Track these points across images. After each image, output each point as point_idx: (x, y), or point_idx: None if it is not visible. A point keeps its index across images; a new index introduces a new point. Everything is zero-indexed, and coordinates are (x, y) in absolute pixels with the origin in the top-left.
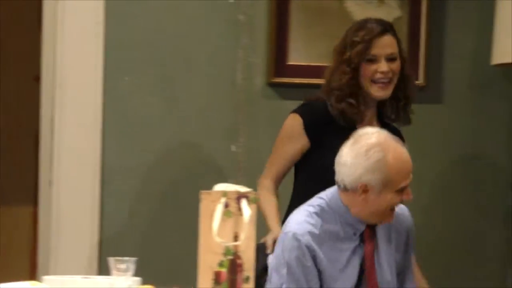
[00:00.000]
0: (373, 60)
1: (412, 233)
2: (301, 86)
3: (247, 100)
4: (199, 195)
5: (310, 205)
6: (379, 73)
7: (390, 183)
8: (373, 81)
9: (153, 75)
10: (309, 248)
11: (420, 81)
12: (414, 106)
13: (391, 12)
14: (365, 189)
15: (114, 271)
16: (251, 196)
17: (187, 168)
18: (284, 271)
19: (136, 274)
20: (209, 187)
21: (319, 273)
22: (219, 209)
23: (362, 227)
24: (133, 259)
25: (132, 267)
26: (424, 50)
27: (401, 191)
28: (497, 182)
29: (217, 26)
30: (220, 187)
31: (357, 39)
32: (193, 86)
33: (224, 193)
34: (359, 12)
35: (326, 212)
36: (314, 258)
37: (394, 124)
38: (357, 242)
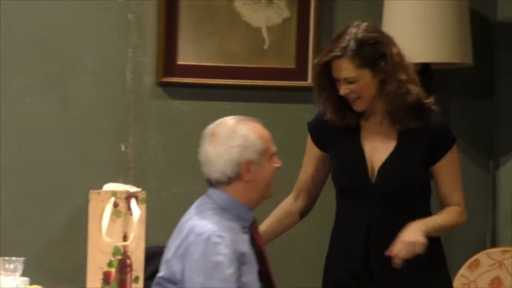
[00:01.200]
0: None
1: None
2: (190, 86)
3: (137, 100)
4: (88, 195)
5: (202, 212)
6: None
7: (264, 151)
8: None
9: (44, 74)
10: (229, 241)
11: (309, 82)
12: (303, 107)
13: (279, 13)
14: (248, 167)
15: (1, 271)
16: (141, 196)
17: (77, 167)
18: (223, 269)
19: (24, 274)
20: (99, 186)
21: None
22: (108, 209)
23: (250, 217)
24: (21, 259)
25: (20, 267)
26: (313, 50)
27: (272, 158)
28: None
29: (106, 25)
30: (109, 186)
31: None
32: (83, 85)
33: (114, 193)
34: (247, 12)
35: (219, 213)
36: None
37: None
38: (249, 235)
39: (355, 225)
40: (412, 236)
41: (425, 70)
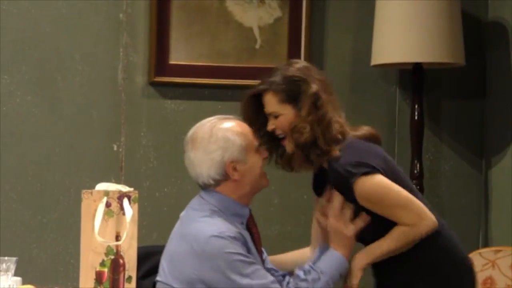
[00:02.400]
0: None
1: None
2: (182, 86)
3: (128, 99)
4: (80, 195)
5: (198, 210)
6: None
7: (248, 146)
8: None
9: (33, 74)
10: (236, 238)
11: None
12: None
13: (271, 13)
14: (233, 166)
15: None
16: (133, 195)
17: (69, 167)
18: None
19: (17, 273)
20: (91, 186)
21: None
22: (101, 208)
23: (247, 213)
24: (14, 258)
25: (12, 267)
26: (304, 50)
27: (258, 150)
28: None
29: (97, 24)
30: (101, 186)
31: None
32: (74, 85)
33: (106, 193)
34: (239, 12)
35: (217, 212)
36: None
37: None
38: (247, 231)
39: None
40: (357, 265)
41: (417, 70)
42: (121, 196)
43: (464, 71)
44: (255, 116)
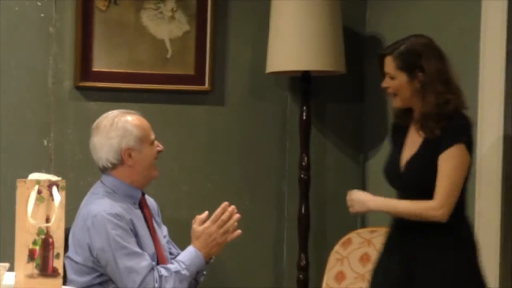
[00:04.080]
0: None
1: (159, 210)
2: (104, 90)
3: (57, 101)
4: (15, 183)
5: (95, 194)
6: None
7: (143, 138)
8: None
9: None
10: (122, 217)
11: (206, 86)
12: (201, 108)
13: (180, 27)
14: (128, 153)
15: None
16: (61, 184)
17: (5, 159)
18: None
19: None
20: (25, 176)
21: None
22: (33, 195)
23: (138, 194)
24: None
25: None
26: (209, 59)
27: (153, 143)
28: (270, 171)
29: (30, 36)
30: (34, 176)
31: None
32: (10, 89)
33: (38, 181)
34: (153, 26)
35: (112, 194)
36: (132, 226)
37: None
38: (139, 210)
39: None
40: (362, 198)
41: (305, 77)
42: (50, 184)
43: (345, 78)
44: (381, 71)
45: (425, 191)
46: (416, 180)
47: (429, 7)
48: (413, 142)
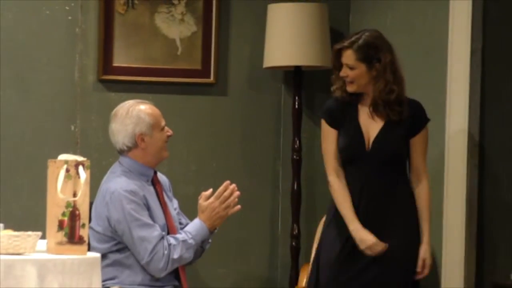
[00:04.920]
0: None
1: (171, 186)
2: (123, 82)
3: (82, 93)
4: (47, 163)
5: (113, 173)
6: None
7: (155, 124)
8: None
9: (11, 74)
10: (136, 193)
11: (212, 79)
12: (207, 98)
13: (189, 28)
14: (142, 137)
15: None
16: (86, 163)
17: (38, 143)
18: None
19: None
20: (55, 157)
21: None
22: (62, 173)
23: (151, 173)
24: None
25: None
26: (214, 56)
27: (163, 129)
28: (266, 152)
29: (59, 36)
30: (62, 157)
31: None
32: (42, 82)
33: (66, 161)
34: (165, 27)
35: (128, 172)
36: (145, 201)
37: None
38: (152, 187)
39: (355, 183)
40: (428, 254)
41: (298, 71)
42: (77, 164)
43: (332, 72)
44: (337, 65)
45: (389, 166)
46: (383, 157)
47: (403, 9)
48: (371, 123)
